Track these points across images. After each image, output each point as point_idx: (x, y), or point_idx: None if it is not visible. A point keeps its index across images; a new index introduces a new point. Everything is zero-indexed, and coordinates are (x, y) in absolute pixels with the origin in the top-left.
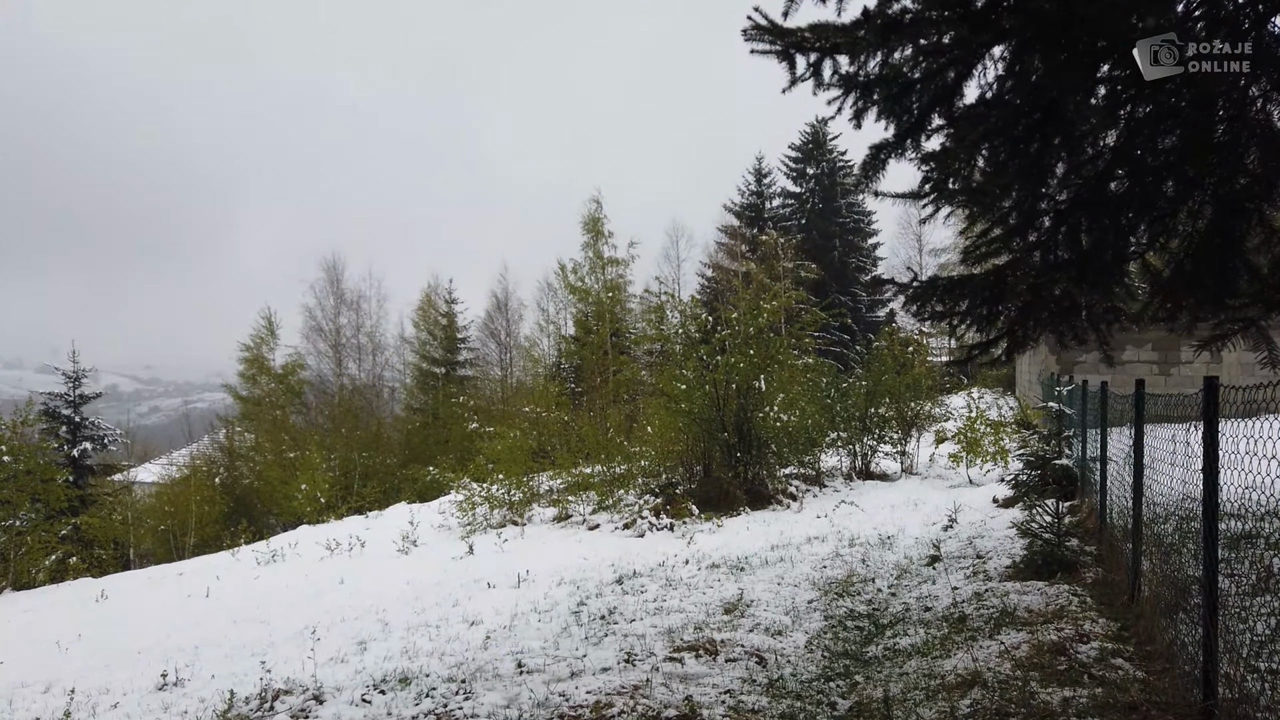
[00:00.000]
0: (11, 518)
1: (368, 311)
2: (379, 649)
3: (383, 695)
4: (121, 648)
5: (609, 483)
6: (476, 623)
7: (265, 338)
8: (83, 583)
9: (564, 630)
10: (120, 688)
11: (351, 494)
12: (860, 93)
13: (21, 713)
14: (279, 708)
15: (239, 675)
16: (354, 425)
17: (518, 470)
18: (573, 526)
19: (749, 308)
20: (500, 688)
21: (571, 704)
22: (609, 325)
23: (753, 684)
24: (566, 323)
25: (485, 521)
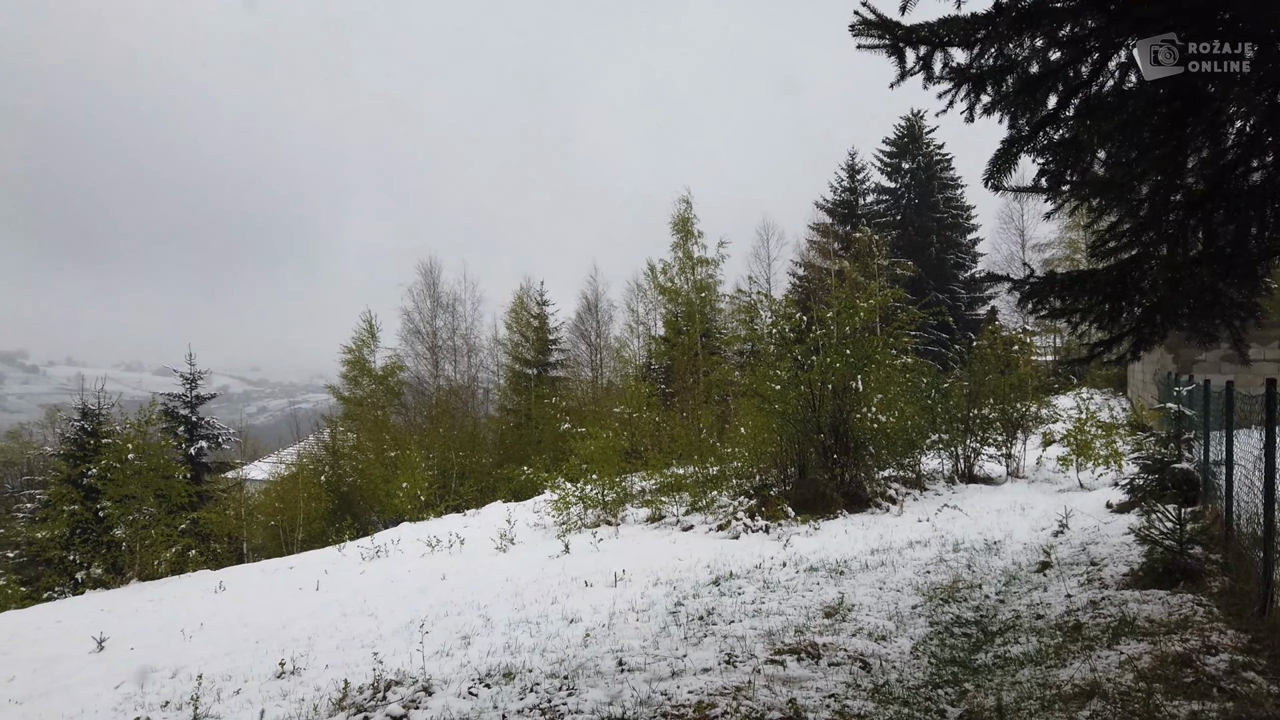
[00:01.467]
0: (136, 512)
1: (463, 314)
2: (482, 643)
3: (488, 689)
4: (241, 637)
5: (702, 484)
6: (575, 620)
7: (366, 340)
8: (202, 574)
9: (662, 630)
10: (241, 674)
11: (449, 492)
12: (973, 86)
13: (152, 696)
14: (391, 698)
15: (351, 665)
16: (451, 425)
17: (610, 470)
18: (666, 527)
19: (845, 306)
20: (602, 685)
21: (674, 703)
22: (699, 326)
23: (857, 689)
24: (656, 323)
25: (580, 521)
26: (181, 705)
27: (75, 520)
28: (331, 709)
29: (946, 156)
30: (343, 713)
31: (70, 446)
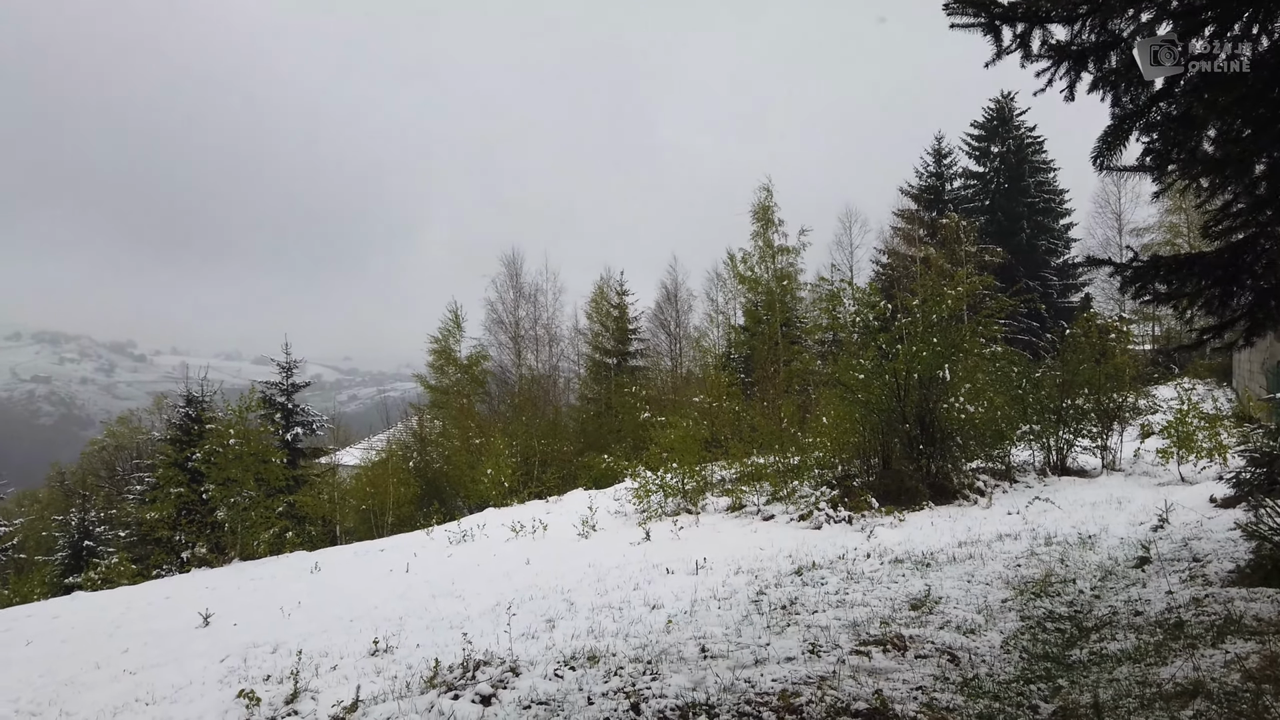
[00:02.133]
0: (237, 494)
1: (544, 304)
2: (566, 627)
3: (573, 671)
4: (335, 615)
5: (783, 474)
6: (657, 606)
7: (452, 330)
8: (298, 555)
9: (745, 618)
10: (338, 651)
11: (532, 479)
12: (1074, 63)
13: (255, 669)
14: (479, 677)
15: (440, 645)
16: (533, 414)
17: (690, 459)
18: (747, 516)
19: (931, 294)
20: (685, 671)
21: (758, 690)
22: (780, 315)
23: (945, 681)
24: (736, 313)
25: (660, 509)
26: (283, 679)
27: (181, 502)
28: (423, 686)
29: (1038, 139)
30: (434, 690)
31: (176, 432)
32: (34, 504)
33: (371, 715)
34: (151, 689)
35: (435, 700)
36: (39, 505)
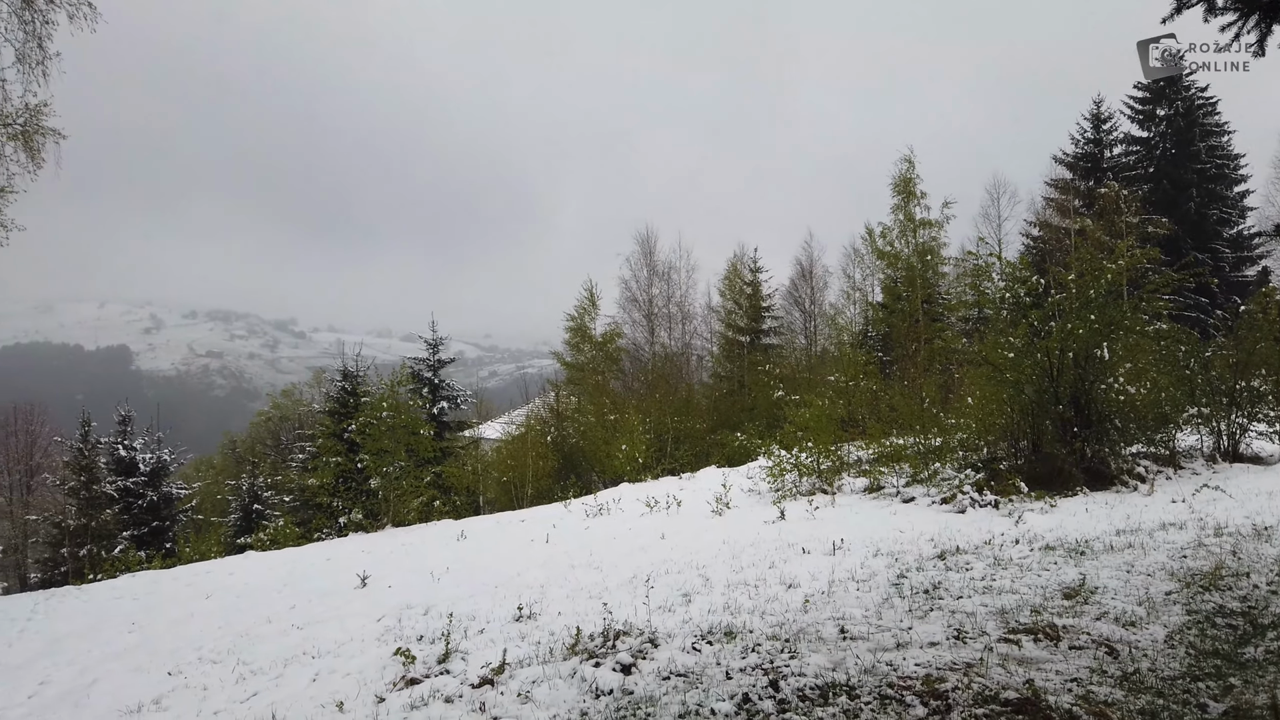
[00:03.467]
0: (390, 465)
1: (677, 282)
2: (702, 602)
3: (710, 645)
4: (481, 582)
5: (924, 455)
6: (794, 585)
7: (587, 308)
8: (445, 523)
9: (885, 601)
10: (484, 616)
11: (665, 456)
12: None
13: (408, 629)
14: (620, 647)
15: (580, 614)
16: (666, 391)
17: (826, 439)
18: (885, 498)
19: (1088, 268)
20: (824, 650)
21: (900, 674)
22: (920, 291)
23: (1103, 675)
24: (874, 289)
25: (794, 488)
26: (434, 640)
27: (339, 470)
28: (565, 653)
29: (1210, 100)
30: (576, 657)
31: (334, 404)
32: (209, 469)
33: (518, 678)
34: (316, 643)
35: (578, 667)
36: (214, 471)
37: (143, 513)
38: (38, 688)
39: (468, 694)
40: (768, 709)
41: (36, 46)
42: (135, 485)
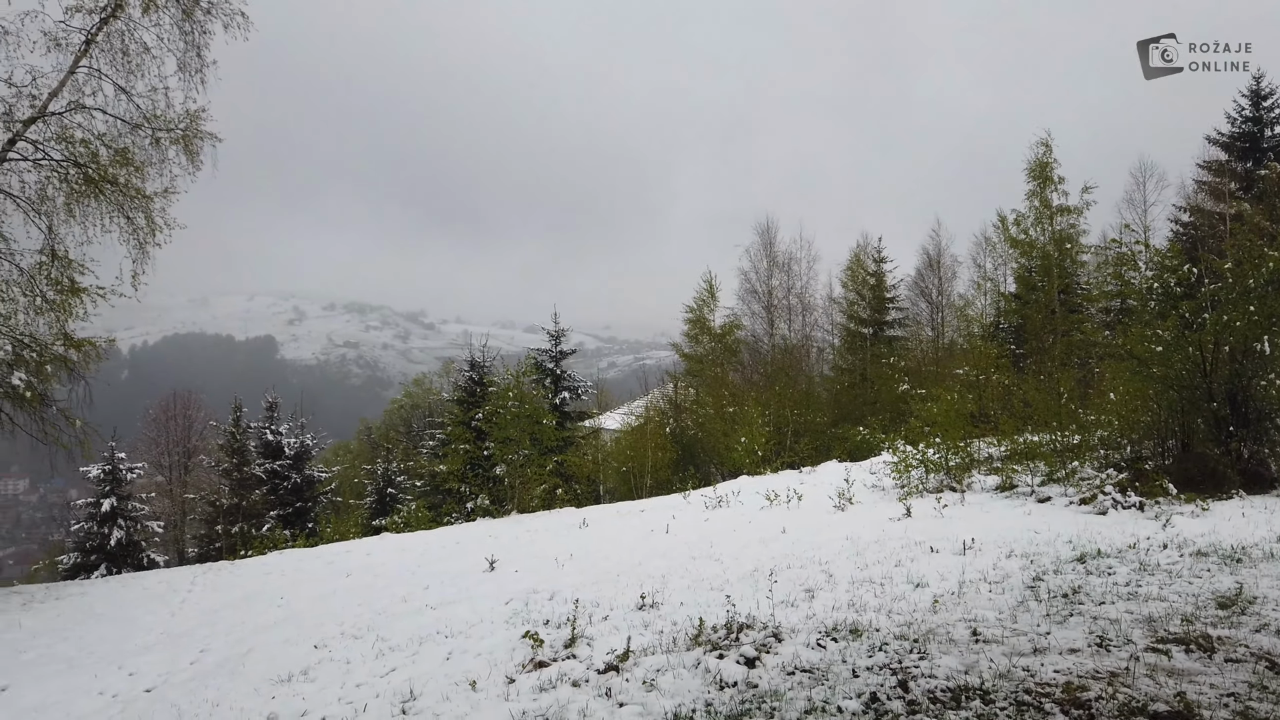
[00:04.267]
0: (514, 453)
1: (798, 273)
2: (825, 598)
3: (835, 642)
4: (603, 569)
5: (1060, 453)
6: (921, 585)
7: (706, 300)
8: (567, 511)
9: (1020, 604)
10: (607, 603)
11: (785, 449)
12: None
13: (535, 613)
14: (743, 639)
15: (702, 605)
16: (786, 383)
17: (954, 434)
18: (1018, 497)
19: (1247, 255)
20: (955, 653)
21: (1038, 680)
22: (1057, 281)
23: (1264, 690)
24: (1006, 279)
25: (921, 485)
26: (560, 624)
27: (468, 457)
28: (688, 643)
29: None
30: (699, 648)
31: (462, 393)
32: (347, 454)
33: (643, 666)
34: (449, 623)
35: (701, 658)
36: (351, 455)
37: (288, 494)
38: (199, 655)
39: (594, 679)
40: (896, 709)
41: (195, 55)
42: (281, 468)
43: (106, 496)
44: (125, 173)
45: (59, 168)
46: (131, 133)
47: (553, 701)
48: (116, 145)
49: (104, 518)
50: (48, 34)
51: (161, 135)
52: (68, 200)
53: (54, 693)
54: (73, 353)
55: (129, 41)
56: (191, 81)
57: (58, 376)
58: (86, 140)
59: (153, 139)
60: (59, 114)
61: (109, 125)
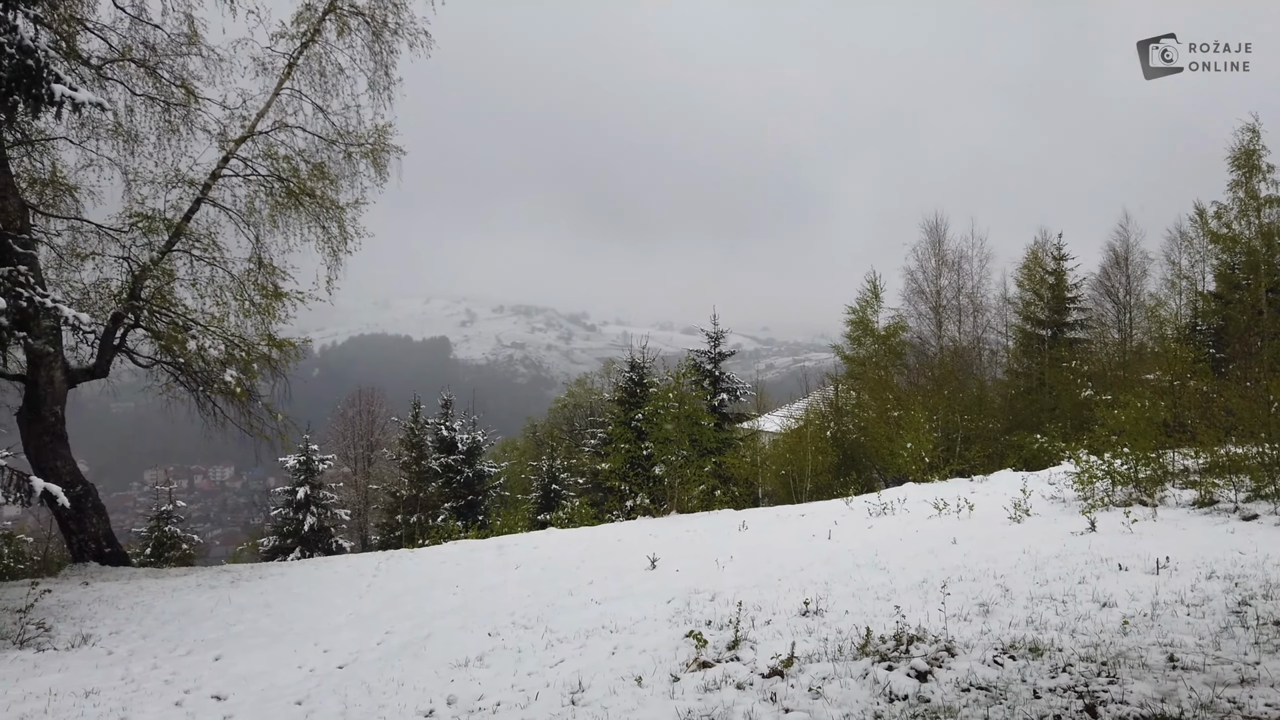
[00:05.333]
0: (673, 453)
1: (969, 272)
2: (1002, 614)
3: (1013, 660)
4: (764, 573)
5: (1268, 467)
6: (1109, 604)
7: (869, 301)
8: (726, 513)
9: (1223, 630)
10: (770, 607)
11: (954, 456)
12: None
13: (696, 613)
14: (914, 652)
15: (868, 614)
16: (955, 387)
17: (1145, 444)
18: (1220, 514)
19: None
20: (1149, 679)
21: (1246, 714)
22: (1266, 279)
23: None
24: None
25: (1106, 498)
26: (723, 626)
27: (628, 456)
28: (855, 653)
29: None
30: (867, 658)
31: (622, 394)
32: (514, 451)
33: (808, 672)
34: (614, 619)
35: (869, 668)
36: (517, 452)
37: (460, 487)
38: (384, 636)
39: (758, 683)
40: None
41: (383, 74)
42: (454, 462)
43: (301, 485)
44: (321, 185)
45: (265, 182)
46: (327, 148)
47: (718, 703)
48: (314, 160)
49: (299, 505)
50: (256, 59)
51: (353, 150)
52: (272, 212)
53: (260, 663)
54: (275, 352)
55: (325, 63)
56: (380, 98)
57: (262, 374)
58: (288, 156)
59: (345, 153)
60: (265, 133)
61: (308, 142)
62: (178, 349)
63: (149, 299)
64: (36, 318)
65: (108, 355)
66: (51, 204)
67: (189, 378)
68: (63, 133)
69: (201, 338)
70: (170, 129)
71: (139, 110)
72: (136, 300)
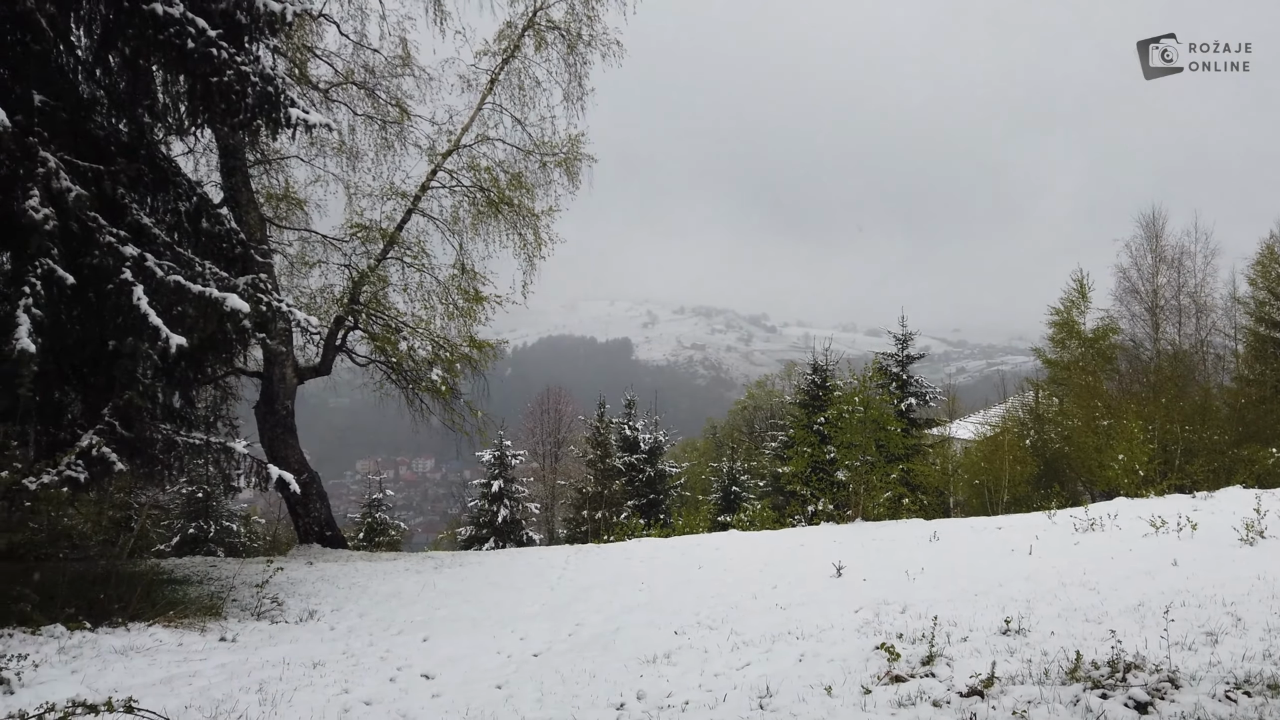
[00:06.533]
0: (858, 458)
1: (1190, 269)
2: (1233, 645)
3: (1248, 697)
4: (958, 587)
5: None
6: None
7: (1075, 301)
8: (915, 522)
9: None
10: (965, 623)
11: (1172, 469)
12: None
13: (886, 625)
14: (1131, 680)
15: (1077, 637)
16: (1175, 395)
17: None
18: None
19: None
20: None
21: None
22: None
23: None
24: None
25: None
26: (915, 640)
27: (810, 460)
28: (1064, 677)
29: None
30: (1077, 684)
31: (804, 396)
32: (693, 451)
33: (1010, 694)
34: (799, 625)
35: (1080, 694)
36: (697, 453)
37: (642, 485)
38: (575, 628)
39: (956, 701)
40: None
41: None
42: (637, 461)
43: (496, 479)
44: (518, 194)
45: (468, 193)
46: (524, 158)
47: (912, 718)
48: (512, 170)
49: (493, 497)
50: (462, 77)
51: (548, 159)
52: (473, 220)
53: (463, 647)
54: (475, 352)
55: (524, 78)
56: (573, 109)
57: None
58: (489, 167)
59: (540, 163)
60: (468, 146)
61: (507, 153)
62: (390, 349)
63: (366, 303)
64: (273, 320)
65: (331, 354)
66: (284, 217)
67: (400, 376)
68: (295, 152)
69: (411, 339)
70: (386, 145)
71: (359, 129)
72: (355, 304)
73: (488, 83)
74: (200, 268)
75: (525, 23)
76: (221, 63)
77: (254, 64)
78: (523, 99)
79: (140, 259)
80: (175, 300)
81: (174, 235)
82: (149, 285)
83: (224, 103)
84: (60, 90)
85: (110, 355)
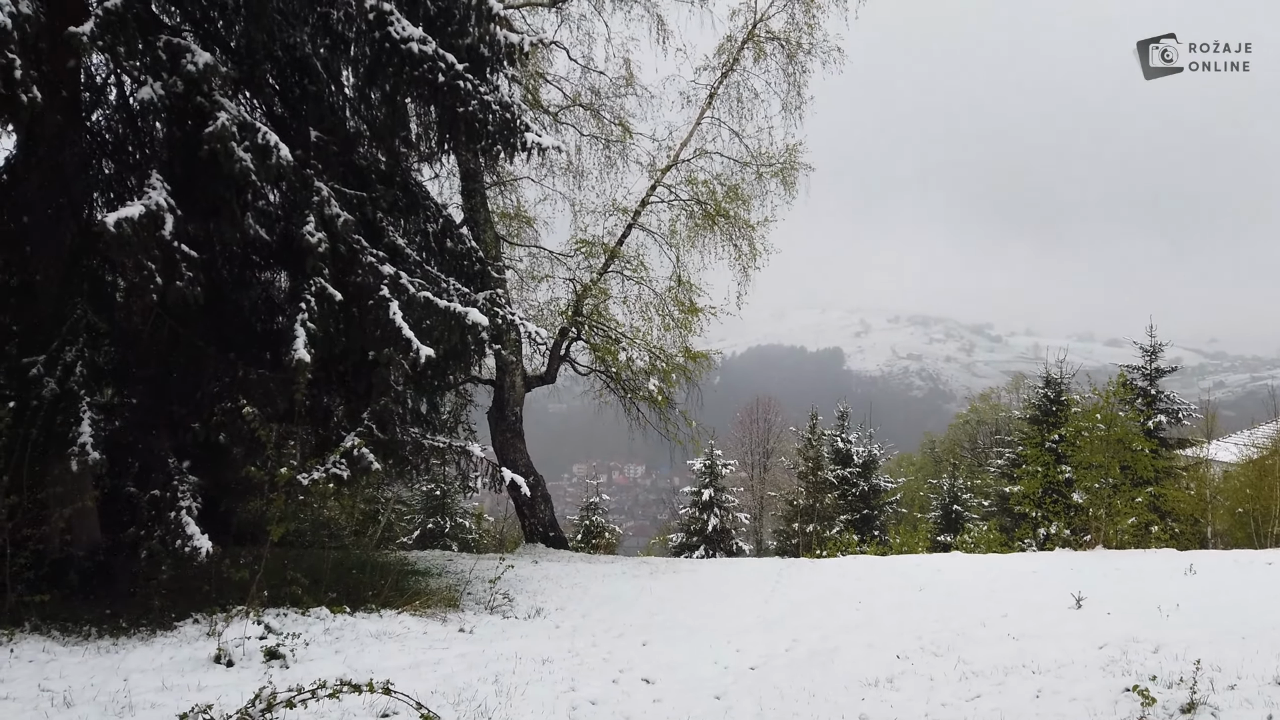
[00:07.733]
0: (1099, 480)
1: None
2: None
3: None
4: (1222, 626)
5: None
6: None
7: None
8: (1167, 553)
9: None
10: (1232, 669)
11: None
12: None
13: (1135, 666)
14: None
15: None
16: None
17: None
18: None
19: None
20: None
21: None
22: None
23: None
24: None
25: None
26: (1172, 684)
27: (1043, 480)
28: None
29: None
30: None
31: (1035, 411)
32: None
33: None
34: (1034, 658)
35: None
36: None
37: (856, 500)
38: (791, 643)
39: None
40: None
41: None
42: (850, 474)
43: (706, 487)
44: (734, 206)
45: (685, 206)
46: (740, 170)
47: None
48: (728, 183)
49: (704, 505)
50: (682, 93)
51: (764, 170)
52: (690, 233)
53: (680, 654)
54: (690, 363)
55: (742, 90)
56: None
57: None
58: (706, 181)
59: (756, 174)
60: (686, 160)
61: (723, 166)
62: (610, 359)
63: (589, 315)
64: (507, 332)
65: (555, 364)
66: (515, 234)
67: (618, 385)
68: (527, 173)
69: (629, 349)
70: (609, 163)
71: (585, 148)
72: (579, 316)
73: (706, 97)
74: (445, 284)
75: (745, 35)
76: (466, 94)
77: (494, 93)
78: (740, 111)
79: (396, 277)
80: (424, 314)
81: (423, 254)
82: (403, 301)
83: (468, 131)
84: (332, 125)
85: (369, 364)
